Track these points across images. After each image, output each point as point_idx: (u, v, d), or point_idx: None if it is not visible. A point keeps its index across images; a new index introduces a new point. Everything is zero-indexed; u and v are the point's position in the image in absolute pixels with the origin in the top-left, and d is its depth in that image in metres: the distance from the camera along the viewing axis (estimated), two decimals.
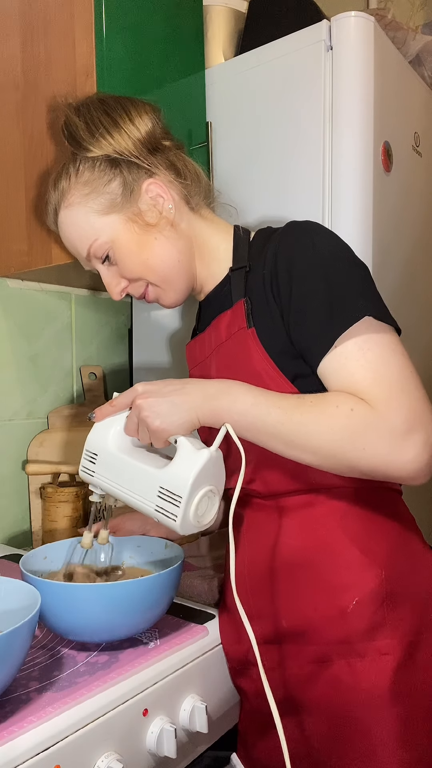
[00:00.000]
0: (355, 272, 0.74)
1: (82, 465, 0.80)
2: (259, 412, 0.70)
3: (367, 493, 0.79)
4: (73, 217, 0.84)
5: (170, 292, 0.87)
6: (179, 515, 0.70)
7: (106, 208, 0.82)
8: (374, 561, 0.75)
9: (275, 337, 0.77)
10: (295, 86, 1.09)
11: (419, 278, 1.33)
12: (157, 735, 0.71)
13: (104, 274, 0.87)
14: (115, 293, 0.88)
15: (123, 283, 0.87)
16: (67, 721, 0.62)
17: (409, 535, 0.81)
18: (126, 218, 0.83)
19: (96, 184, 0.82)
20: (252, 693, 0.82)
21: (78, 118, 0.83)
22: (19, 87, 1.10)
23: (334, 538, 0.76)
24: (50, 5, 1.04)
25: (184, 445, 0.73)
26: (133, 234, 0.83)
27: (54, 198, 0.86)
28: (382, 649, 0.72)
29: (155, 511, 0.73)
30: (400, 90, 1.19)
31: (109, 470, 0.78)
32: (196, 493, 0.71)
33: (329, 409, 0.68)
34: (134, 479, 0.75)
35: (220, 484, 0.75)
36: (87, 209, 0.83)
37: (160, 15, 1.09)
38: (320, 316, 0.71)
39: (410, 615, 0.74)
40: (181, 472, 0.71)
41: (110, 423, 0.78)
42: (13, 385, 1.30)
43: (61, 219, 0.86)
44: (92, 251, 0.85)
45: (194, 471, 0.70)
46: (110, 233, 0.83)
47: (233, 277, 0.84)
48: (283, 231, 0.79)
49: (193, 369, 0.92)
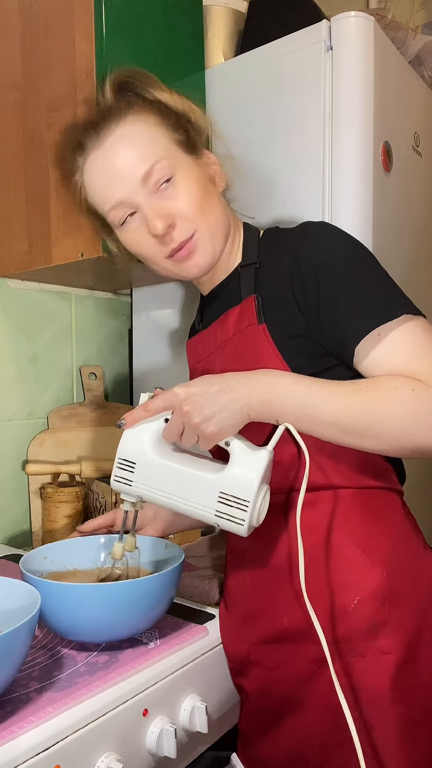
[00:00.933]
0: (381, 269, 0.76)
1: (116, 475, 0.75)
2: (315, 402, 0.69)
3: (369, 494, 0.79)
4: (140, 131, 0.79)
5: (208, 249, 0.81)
6: (246, 519, 0.69)
7: (179, 142, 0.81)
8: (376, 561, 0.75)
9: (289, 334, 0.77)
10: (295, 86, 1.09)
11: (419, 278, 1.32)
12: (157, 735, 0.71)
13: (153, 204, 0.79)
14: (161, 226, 0.77)
15: (170, 218, 0.78)
16: (67, 721, 0.62)
17: (410, 535, 0.81)
18: (195, 162, 0.82)
19: (171, 120, 0.81)
20: (253, 692, 0.82)
21: (164, 91, 0.84)
22: (19, 87, 1.10)
23: (336, 537, 0.76)
24: (50, 5, 1.04)
25: (241, 446, 0.71)
26: (199, 176, 0.81)
27: (115, 108, 0.80)
28: (384, 648, 0.72)
29: (216, 516, 0.71)
30: (400, 90, 1.19)
31: (152, 478, 0.73)
32: (260, 495, 0.70)
33: (389, 392, 0.68)
34: (186, 486, 0.72)
35: (269, 479, 0.74)
36: (162, 130, 0.80)
37: (160, 15, 1.09)
38: (359, 308, 0.72)
39: (411, 615, 0.74)
40: (244, 475, 0.69)
41: (143, 428, 0.74)
42: (13, 385, 1.30)
43: (122, 131, 0.78)
44: (155, 169, 0.77)
45: (259, 474, 0.69)
46: (179, 163, 0.80)
47: (242, 273, 0.83)
48: (302, 231, 0.80)
49: (194, 366, 0.92)
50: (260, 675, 0.80)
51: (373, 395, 0.68)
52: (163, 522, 0.95)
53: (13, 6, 1.11)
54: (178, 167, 0.79)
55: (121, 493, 0.77)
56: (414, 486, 0.95)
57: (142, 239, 0.81)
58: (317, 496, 0.78)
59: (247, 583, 0.83)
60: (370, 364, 0.72)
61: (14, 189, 1.12)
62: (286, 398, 0.70)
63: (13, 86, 1.11)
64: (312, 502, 0.78)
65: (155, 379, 1.43)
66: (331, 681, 0.73)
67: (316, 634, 0.74)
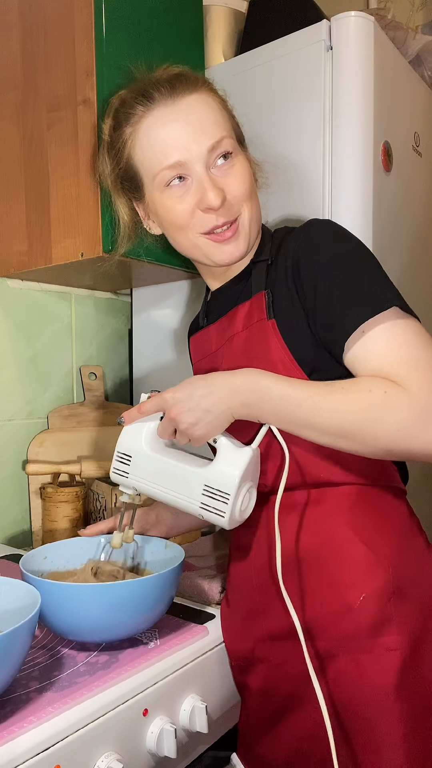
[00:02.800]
0: (376, 266, 0.76)
1: (115, 467, 0.82)
2: (291, 403, 0.71)
3: (374, 491, 0.80)
4: (216, 105, 0.81)
5: (245, 239, 0.82)
6: (227, 511, 0.73)
7: (237, 132, 0.85)
8: (381, 557, 0.75)
9: (295, 329, 0.77)
10: (295, 86, 1.09)
11: (419, 278, 1.32)
12: (157, 735, 0.71)
13: (212, 176, 0.79)
14: (216, 198, 0.77)
15: (222, 194, 0.78)
16: (67, 721, 0.62)
17: (415, 533, 0.81)
18: (245, 155, 0.85)
19: (231, 114, 0.85)
20: (257, 690, 0.82)
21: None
22: (19, 87, 1.10)
23: (342, 534, 0.77)
24: (50, 5, 1.04)
25: (226, 444, 0.75)
26: (250, 168, 0.84)
27: (198, 78, 0.82)
28: (389, 645, 0.72)
29: (200, 508, 0.75)
30: (400, 90, 1.19)
31: (146, 471, 0.79)
32: (242, 490, 0.74)
33: (362, 394, 0.68)
34: (175, 479, 0.77)
35: (257, 479, 0.78)
36: (228, 116, 0.84)
37: (160, 15, 1.09)
38: (347, 304, 0.72)
39: (416, 612, 0.75)
40: (226, 470, 0.74)
41: (141, 425, 0.80)
42: (13, 385, 1.30)
43: (201, 96, 0.80)
44: (223, 142, 0.78)
45: (240, 468, 0.73)
46: (237, 148, 0.82)
47: (254, 269, 0.84)
48: (305, 227, 0.81)
49: (199, 362, 0.92)
50: (265, 672, 0.80)
51: (346, 397, 0.69)
52: (166, 525, 0.95)
53: (13, 6, 1.11)
54: (237, 151, 0.82)
55: (119, 485, 0.83)
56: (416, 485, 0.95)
57: (183, 207, 0.79)
58: (323, 492, 0.79)
59: (252, 580, 0.83)
60: (351, 359, 0.72)
61: (14, 189, 1.12)
62: (264, 399, 0.72)
63: (13, 86, 1.11)
64: (318, 499, 0.79)
65: (155, 379, 1.43)
66: (337, 677, 0.73)
67: (322, 631, 0.75)
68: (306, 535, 0.79)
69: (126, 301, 1.55)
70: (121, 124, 0.82)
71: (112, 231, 1.00)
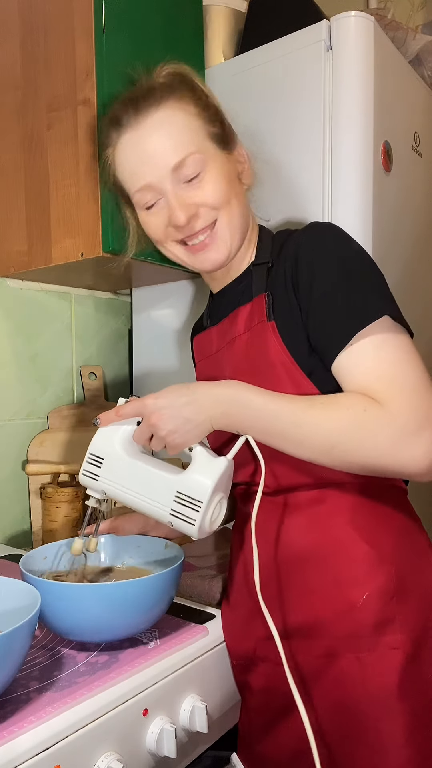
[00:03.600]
0: (373, 274, 0.76)
1: (85, 469, 0.80)
2: (270, 416, 0.71)
3: (375, 490, 0.80)
4: (181, 119, 0.79)
5: (226, 243, 0.82)
6: (198, 519, 0.73)
7: (216, 137, 0.82)
8: (383, 556, 0.75)
9: (294, 331, 0.77)
10: (295, 86, 1.09)
11: (419, 278, 1.32)
12: (157, 735, 0.71)
13: (178, 194, 0.79)
14: (183, 217, 0.78)
15: (193, 208, 0.80)
16: (67, 721, 0.62)
17: (416, 532, 0.82)
18: (226, 158, 0.83)
19: (212, 115, 0.83)
20: (259, 689, 0.82)
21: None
22: (19, 87, 1.10)
23: (344, 533, 0.77)
24: (50, 5, 1.04)
25: (202, 453, 0.76)
26: (228, 172, 0.83)
27: (161, 91, 0.80)
28: (391, 643, 0.72)
29: (170, 515, 0.74)
30: (400, 90, 1.19)
31: (117, 474, 0.78)
32: (214, 500, 0.74)
33: (341, 411, 0.69)
34: (147, 484, 0.76)
35: (228, 490, 0.78)
36: (201, 122, 0.81)
37: (160, 15, 1.09)
38: (339, 313, 0.72)
39: (418, 610, 0.75)
40: (200, 478, 0.74)
41: (116, 428, 0.79)
42: (13, 385, 1.30)
43: (165, 112, 0.79)
44: (188, 161, 0.78)
45: (214, 478, 0.73)
46: (211, 157, 0.80)
47: (255, 271, 0.84)
48: (305, 229, 0.81)
49: (201, 362, 0.92)
50: (266, 671, 0.80)
51: (324, 413, 0.69)
52: (164, 529, 0.95)
53: (13, 6, 1.11)
54: (210, 161, 0.80)
55: (87, 488, 0.81)
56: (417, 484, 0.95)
57: (157, 223, 0.82)
58: (325, 492, 0.79)
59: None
60: (336, 369, 0.73)
61: (14, 189, 1.12)
62: (244, 411, 0.73)
63: (13, 86, 1.11)
64: (319, 498, 0.79)
65: (155, 379, 1.43)
66: (339, 675, 0.74)
67: (324, 630, 0.75)
68: (308, 534, 0.79)
69: (126, 301, 1.55)
70: (105, 144, 0.85)
71: (111, 231, 1.00)
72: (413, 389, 0.68)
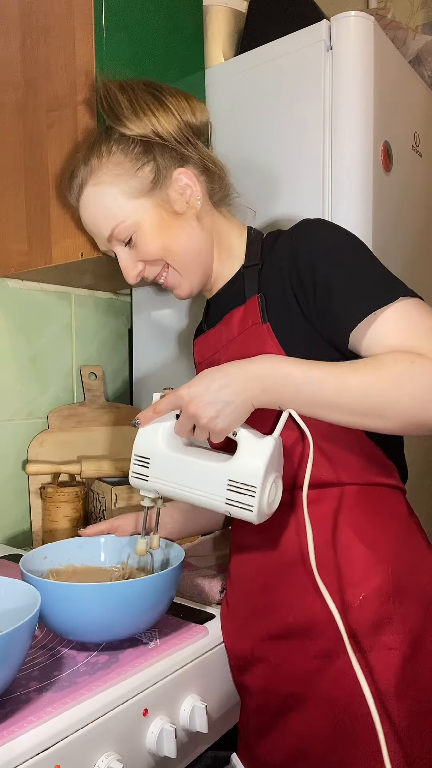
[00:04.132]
0: (376, 260, 0.76)
1: (134, 471, 0.79)
2: (313, 385, 0.69)
3: (373, 491, 0.79)
4: (100, 196, 0.83)
5: (187, 281, 0.86)
6: (255, 504, 0.70)
7: (136, 191, 0.82)
8: (381, 557, 0.75)
9: (292, 331, 0.77)
10: (295, 86, 1.09)
11: (419, 278, 1.32)
12: (157, 735, 0.71)
13: (122, 256, 0.86)
14: (131, 276, 0.86)
15: (140, 266, 0.86)
16: (67, 721, 0.62)
17: (414, 532, 0.81)
18: (155, 203, 0.83)
19: (128, 167, 0.82)
20: (257, 689, 0.82)
21: (122, 94, 0.83)
22: (19, 87, 1.10)
23: (341, 534, 0.77)
24: (50, 5, 1.04)
25: (247, 435, 0.73)
26: (160, 219, 0.83)
27: (82, 173, 0.84)
28: (389, 644, 0.72)
29: (226, 504, 0.72)
30: (400, 90, 1.19)
31: (166, 472, 0.77)
32: (268, 481, 0.71)
33: (388, 367, 0.67)
34: (198, 477, 0.74)
35: (282, 469, 0.75)
36: (117, 190, 0.82)
37: (160, 15, 1.09)
38: (355, 295, 0.72)
39: (415, 611, 0.75)
40: (250, 462, 0.71)
41: (156, 426, 0.78)
42: (13, 385, 1.30)
43: (86, 196, 0.85)
44: (116, 233, 0.83)
45: (264, 460, 0.70)
46: (137, 217, 0.82)
47: (246, 274, 0.84)
48: (297, 228, 0.81)
49: (200, 365, 0.93)
50: (264, 671, 0.80)
51: (371, 373, 0.68)
52: (166, 530, 0.95)
53: (13, 6, 1.10)
54: (138, 220, 0.83)
55: (140, 490, 0.80)
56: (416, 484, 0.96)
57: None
58: (322, 492, 0.79)
59: (253, 580, 0.83)
60: (368, 345, 0.71)
61: (14, 189, 1.12)
62: (286, 384, 0.70)
63: (13, 86, 1.11)
64: (317, 498, 0.79)
65: (155, 378, 1.43)
66: (337, 676, 0.73)
67: (322, 630, 0.75)
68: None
69: (126, 301, 1.55)
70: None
71: None
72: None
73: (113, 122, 0.83)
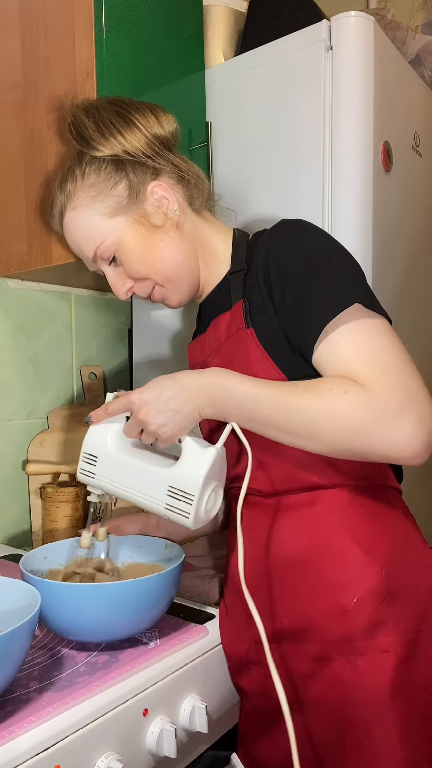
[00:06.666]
0: (343, 264, 0.75)
1: (81, 468, 0.81)
2: (254, 402, 0.71)
3: (368, 492, 0.79)
4: (79, 220, 0.85)
5: (175, 293, 0.87)
6: (192, 512, 0.73)
7: (113, 210, 0.83)
8: (375, 558, 0.75)
9: (273, 335, 0.77)
10: (295, 86, 1.09)
11: (419, 278, 1.33)
12: (157, 735, 0.71)
13: (110, 275, 0.88)
14: (121, 293, 0.88)
15: (129, 283, 0.87)
16: (67, 721, 0.62)
17: (410, 533, 0.81)
18: (132, 220, 0.83)
19: (102, 187, 0.83)
20: (252, 692, 0.82)
21: (87, 117, 0.84)
22: (19, 87, 1.10)
23: (335, 536, 0.77)
24: (50, 5, 1.04)
25: (191, 444, 0.75)
26: (139, 235, 0.84)
27: (60, 200, 0.87)
28: (383, 646, 0.72)
29: (165, 509, 0.75)
30: (400, 90, 1.19)
31: (112, 472, 0.79)
32: (207, 490, 0.74)
33: (323, 393, 0.68)
34: (140, 480, 0.77)
35: (223, 478, 0.78)
36: (93, 211, 0.83)
37: (160, 15, 1.09)
38: (311, 306, 0.72)
39: (410, 612, 0.74)
40: (191, 470, 0.74)
41: (107, 425, 0.80)
42: (13, 385, 1.30)
43: (67, 221, 0.86)
44: (99, 253, 0.85)
45: (204, 469, 0.73)
46: (117, 235, 0.83)
47: (232, 279, 0.84)
48: (273, 229, 0.81)
49: (193, 368, 0.92)
50: (260, 674, 0.80)
51: (307, 396, 0.69)
52: (166, 530, 0.96)
53: (13, 6, 1.10)
54: (119, 240, 0.84)
55: (87, 486, 0.83)
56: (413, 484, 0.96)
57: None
58: (317, 494, 0.78)
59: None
60: (317, 361, 0.73)
61: (14, 189, 1.12)
62: (228, 399, 0.73)
63: (13, 86, 1.11)
64: (311, 500, 0.79)
65: None
66: (332, 679, 0.73)
67: (316, 633, 0.75)
68: (299, 537, 0.78)
69: (126, 301, 1.55)
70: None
71: None
72: (393, 369, 0.68)
73: (83, 146, 0.84)
